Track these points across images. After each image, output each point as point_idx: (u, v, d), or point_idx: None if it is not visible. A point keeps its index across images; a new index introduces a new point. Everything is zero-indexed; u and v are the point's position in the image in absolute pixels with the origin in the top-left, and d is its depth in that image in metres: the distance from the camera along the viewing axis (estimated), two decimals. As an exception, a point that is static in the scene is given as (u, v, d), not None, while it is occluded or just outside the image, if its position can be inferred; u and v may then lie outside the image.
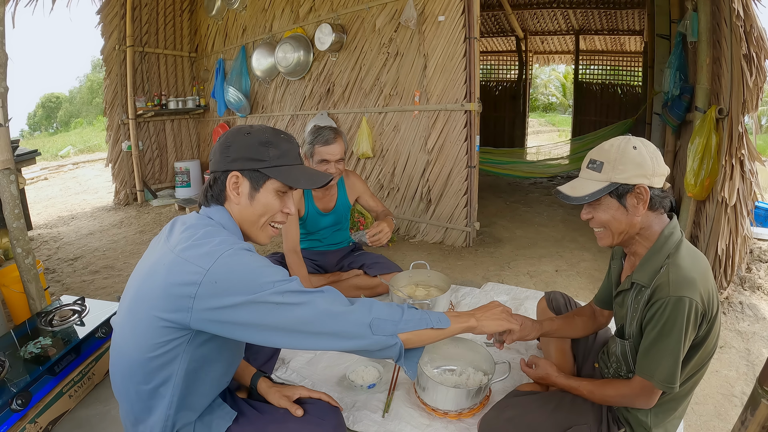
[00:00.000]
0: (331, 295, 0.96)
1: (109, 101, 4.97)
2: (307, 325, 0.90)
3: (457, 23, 3.06)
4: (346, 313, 0.93)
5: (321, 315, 0.91)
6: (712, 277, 1.06)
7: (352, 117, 3.93)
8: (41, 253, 3.54)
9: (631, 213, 1.07)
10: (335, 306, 0.93)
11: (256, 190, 1.01)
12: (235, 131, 1.03)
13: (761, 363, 1.75)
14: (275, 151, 1.01)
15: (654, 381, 1.04)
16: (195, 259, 0.88)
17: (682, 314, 0.98)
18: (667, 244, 1.07)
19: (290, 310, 0.89)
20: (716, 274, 2.29)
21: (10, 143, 1.91)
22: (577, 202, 1.09)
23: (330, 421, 1.14)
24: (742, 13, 2.06)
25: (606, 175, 1.06)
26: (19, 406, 1.37)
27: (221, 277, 0.87)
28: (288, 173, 1.02)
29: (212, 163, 1.03)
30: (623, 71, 7.18)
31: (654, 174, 1.05)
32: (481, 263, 2.98)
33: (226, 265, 0.87)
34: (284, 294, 0.89)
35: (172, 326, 0.90)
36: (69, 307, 1.91)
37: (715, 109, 2.28)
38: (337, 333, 0.92)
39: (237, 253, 0.90)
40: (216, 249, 0.89)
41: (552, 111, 18.86)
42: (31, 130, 20.98)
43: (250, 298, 0.87)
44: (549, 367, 1.35)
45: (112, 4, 4.71)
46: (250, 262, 0.90)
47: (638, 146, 1.05)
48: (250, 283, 0.88)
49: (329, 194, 2.33)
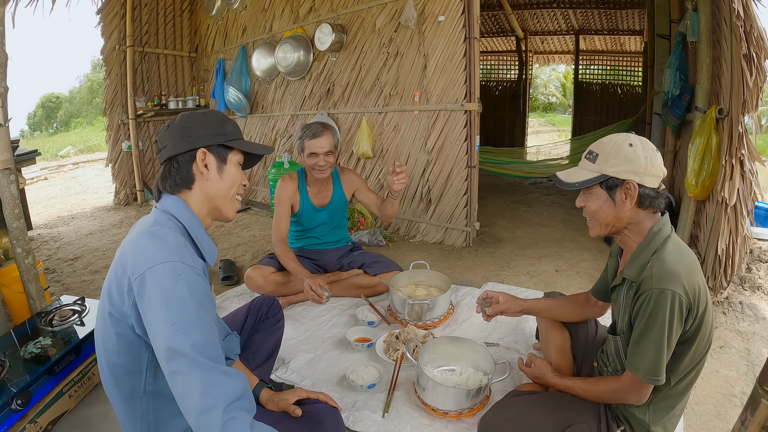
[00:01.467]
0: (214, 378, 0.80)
1: (109, 101, 4.97)
2: (178, 389, 0.80)
3: (457, 23, 3.06)
4: (208, 409, 0.78)
5: (189, 393, 0.79)
6: (699, 273, 1.07)
7: (352, 117, 3.93)
8: (41, 253, 3.54)
9: (618, 207, 1.11)
10: (208, 396, 0.78)
11: (224, 163, 1.04)
12: (187, 116, 1.03)
13: (761, 363, 1.75)
14: (231, 126, 1.07)
15: (639, 374, 1.05)
16: (135, 259, 0.86)
17: (665, 307, 1.00)
18: (655, 240, 1.10)
19: (175, 361, 0.80)
20: (716, 274, 2.29)
21: (10, 143, 1.91)
22: (567, 188, 1.15)
23: (329, 421, 1.14)
24: (742, 13, 2.06)
25: (598, 167, 1.11)
26: (19, 406, 1.37)
27: (146, 291, 0.83)
28: (245, 143, 1.08)
29: (169, 149, 1.00)
30: (623, 71, 7.17)
31: (646, 173, 1.07)
32: (481, 263, 2.98)
33: (155, 282, 0.83)
34: (175, 351, 0.80)
35: (124, 324, 0.89)
36: (69, 307, 1.91)
37: (715, 109, 2.28)
38: (191, 420, 0.79)
39: (167, 270, 0.84)
40: (155, 255, 0.85)
41: (552, 111, 18.86)
42: (31, 130, 20.99)
43: (161, 323, 0.81)
44: (544, 367, 1.36)
45: (112, 4, 4.71)
46: (178, 290, 0.84)
47: (635, 144, 1.08)
48: (167, 311, 0.82)
49: (324, 189, 2.35)
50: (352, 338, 1.93)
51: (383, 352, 1.82)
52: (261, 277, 2.24)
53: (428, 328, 2.04)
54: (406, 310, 2.08)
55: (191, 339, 0.81)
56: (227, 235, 3.90)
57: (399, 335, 1.87)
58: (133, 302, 0.86)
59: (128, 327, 0.89)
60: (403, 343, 1.82)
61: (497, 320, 2.14)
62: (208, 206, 1.04)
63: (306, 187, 2.32)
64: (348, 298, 2.37)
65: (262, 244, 3.56)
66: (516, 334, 2.02)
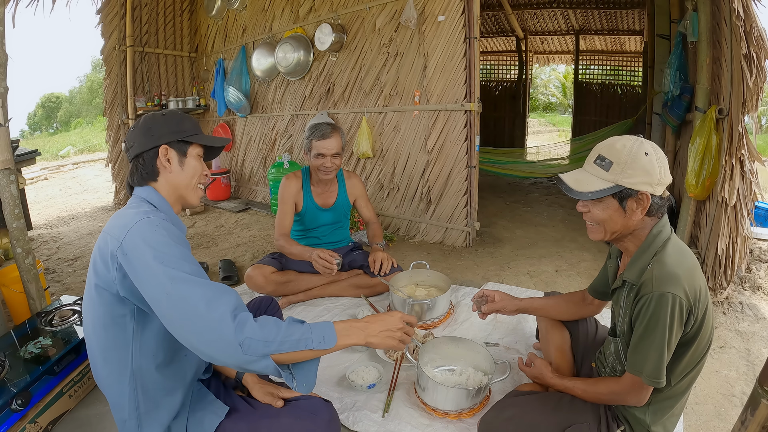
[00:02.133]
0: (212, 293, 0.89)
1: (109, 101, 4.97)
2: (182, 317, 0.87)
3: (457, 23, 3.06)
4: (219, 318, 0.86)
5: (193, 313, 0.86)
6: (700, 275, 1.06)
7: (352, 117, 3.93)
8: (41, 253, 3.54)
9: (628, 216, 1.08)
10: (212, 306, 0.87)
11: (184, 156, 1.14)
12: (149, 118, 1.14)
13: (761, 363, 1.75)
14: (189, 123, 1.17)
15: (642, 376, 1.05)
16: (114, 231, 0.97)
17: (665, 310, 0.99)
18: (655, 242, 1.09)
19: (172, 296, 0.88)
20: (716, 274, 2.29)
21: (10, 143, 1.91)
22: (579, 197, 1.09)
23: (322, 415, 1.15)
24: (742, 13, 2.05)
25: (613, 176, 1.05)
26: (19, 406, 1.37)
27: (130, 248, 0.93)
28: (203, 137, 1.19)
29: (134, 148, 1.12)
30: (623, 71, 7.17)
31: (659, 183, 1.05)
32: (481, 263, 2.98)
33: (134, 234, 0.94)
34: (173, 279, 0.89)
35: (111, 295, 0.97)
36: (69, 307, 1.91)
37: (715, 109, 2.28)
38: (207, 341, 0.86)
39: (144, 224, 0.96)
40: (129, 220, 0.97)
41: (552, 111, 18.86)
42: (31, 130, 20.98)
43: (147, 269, 0.90)
44: (544, 368, 1.36)
45: (112, 4, 4.71)
46: (154, 233, 0.95)
47: (650, 153, 1.04)
48: (150, 252, 0.92)
49: (329, 189, 2.35)
50: None
51: (383, 352, 1.82)
52: (261, 276, 2.24)
53: (428, 328, 2.04)
54: (406, 310, 2.08)
55: (183, 268, 0.91)
56: (227, 235, 3.90)
57: (399, 335, 1.87)
58: (117, 266, 0.94)
59: (113, 295, 0.97)
60: (403, 343, 1.82)
61: (497, 320, 2.14)
62: (174, 195, 1.15)
63: (310, 186, 2.32)
64: (348, 298, 2.37)
65: (262, 244, 3.56)
66: (516, 334, 2.02)
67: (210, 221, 4.40)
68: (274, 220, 4.24)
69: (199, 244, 3.67)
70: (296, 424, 1.11)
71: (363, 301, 2.31)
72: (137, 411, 1.03)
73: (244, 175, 5.22)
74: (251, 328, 0.87)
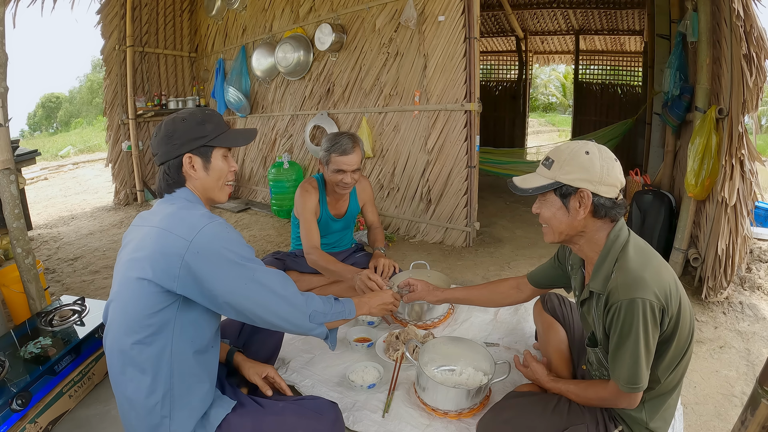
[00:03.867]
0: (281, 279, 1.13)
1: (109, 101, 4.97)
2: (263, 302, 1.07)
3: (457, 23, 3.06)
4: (293, 298, 1.13)
5: (274, 297, 1.08)
6: (667, 271, 1.05)
7: (352, 117, 3.93)
8: (41, 253, 3.54)
9: (572, 215, 1.10)
10: (286, 290, 1.12)
11: (209, 162, 1.15)
12: (170, 122, 1.14)
13: (761, 363, 1.75)
14: (210, 125, 1.15)
15: (620, 384, 1.05)
16: (180, 230, 1.01)
17: (636, 316, 0.98)
18: (614, 248, 1.09)
19: (253, 285, 1.05)
20: (716, 274, 2.29)
21: (10, 143, 1.91)
22: (521, 193, 1.16)
23: (328, 415, 1.15)
24: (742, 13, 2.05)
25: (553, 173, 1.10)
26: (19, 406, 1.37)
27: (203, 247, 1.00)
28: (226, 139, 1.18)
29: (160, 156, 1.14)
30: (623, 71, 7.16)
31: (601, 182, 1.06)
32: (481, 263, 2.98)
33: (207, 236, 1.01)
34: (253, 270, 1.06)
35: (161, 291, 1.00)
36: (69, 307, 1.91)
37: (715, 109, 2.28)
38: (284, 317, 1.11)
39: (216, 226, 1.04)
40: (198, 221, 1.03)
41: (552, 111, 18.85)
42: (31, 130, 20.97)
43: (227, 265, 1.02)
44: (539, 371, 1.36)
45: (112, 4, 4.71)
46: (228, 235, 1.05)
47: (591, 152, 1.07)
48: (227, 252, 1.03)
49: (342, 200, 2.31)
50: (352, 338, 1.93)
51: (383, 352, 1.82)
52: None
53: (428, 328, 2.04)
54: (406, 310, 2.08)
55: (256, 262, 1.08)
56: (227, 235, 3.89)
57: (399, 335, 1.87)
58: (183, 264, 0.99)
59: (164, 292, 1.01)
60: (403, 343, 1.82)
61: (497, 320, 2.14)
62: (204, 196, 1.18)
63: (325, 197, 2.25)
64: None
65: (262, 244, 3.56)
66: (516, 334, 2.02)
67: (210, 221, 4.39)
68: (274, 220, 4.27)
69: (199, 244, 3.66)
70: (301, 423, 1.11)
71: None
72: (171, 393, 1.03)
73: (244, 175, 5.22)
74: (315, 302, 1.18)
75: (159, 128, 1.15)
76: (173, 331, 1.03)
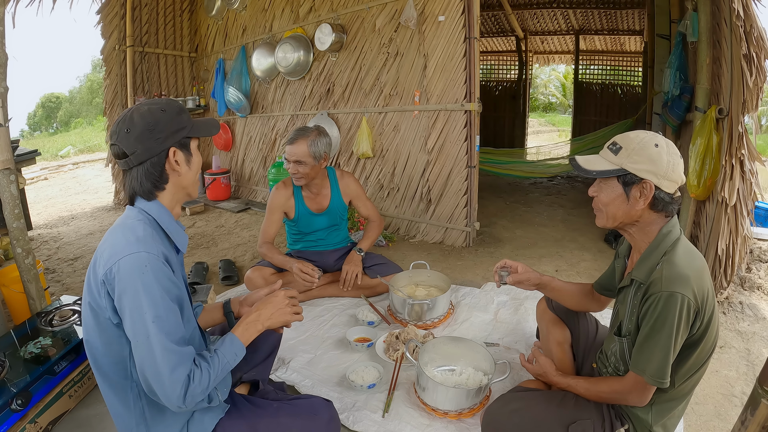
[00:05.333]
0: (181, 360, 0.94)
1: (109, 101, 4.97)
2: (146, 362, 0.92)
3: (457, 23, 3.06)
4: (173, 384, 0.92)
5: (156, 369, 0.91)
6: (708, 277, 1.06)
7: (352, 117, 3.93)
8: (41, 253, 3.54)
9: (631, 204, 1.10)
10: (173, 375, 0.92)
11: (190, 154, 1.08)
12: (146, 113, 1.00)
13: (761, 363, 1.75)
14: (186, 115, 1.07)
15: (645, 376, 1.05)
16: (105, 252, 0.96)
17: (673, 310, 0.99)
18: (665, 242, 1.09)
19: (147, 346, 0.92)
20: (716, 274, 2.29)
21: (10, 143, 1.91)
22: (585, 174, 1.13)
23: (322, 414, 1.15)
24: (742, 13, 2.05)
25: (620, 160, 1.09)
26: (19, 406, 1.37)
27: (119, 279, 0.92)
28: (200, 129, 1.09)
29: (140, 154, 1.00)
30: (623, 71, 7.17)
31: (665, 177, 1.06)
32: (481, 263, 2.98)
33: (125, 271, 0.92)
34: (148, 335, 0.91)
35: (100, 314, 0.97)
36: (69, 307, 1.91)
37: (715, 109, 2.28)
38: (157, 390, 0.92)
39: (137, 264, 0.92)
40: (120, 250, 0.94)
41: (552, 111, 18.84)
42: (31, 130, 20.97)
43: (136, 309, 0.92)
44: (548, 365, 1.36)
45: (112, 4, 4.71)
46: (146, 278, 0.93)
47: (661, 145, 1.07)
48: (141, 298, 0.92)
49: (321, 193, 2.32)
50: (352, 338, 1.93)
51: (383, 352, 1.82)
52: (261, 278, 2.24)
53: (428, 328, 2.04)
54: (406, 310, 2.08)
55: (160, 324, 0.92)
56: (227, 235, 3.90)
57: (399, 335, 1.87)
58: (106, 293, 0.94)
59: (106, 319, 0.97)
60: (403, 343, 1.82)
61: (497, 320, 2.14)
62: (180, 195, 1.10)
63: (301, 192, 2.29)
64: (348, 298, 2.37)
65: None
66: (516, 334, 2.02)
67: (210, 221, 4.40)
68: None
69: (199, 244, 3.67)
70: (296, 423, 1.11)
71: (363, 302, 2.31)
72: (144, 419, 1.03)
73: (244, 175, 5.22)
74: (194, 392, 0.94)
75: (128, 122, 0.99)
76: (130, 360, 1.00)
